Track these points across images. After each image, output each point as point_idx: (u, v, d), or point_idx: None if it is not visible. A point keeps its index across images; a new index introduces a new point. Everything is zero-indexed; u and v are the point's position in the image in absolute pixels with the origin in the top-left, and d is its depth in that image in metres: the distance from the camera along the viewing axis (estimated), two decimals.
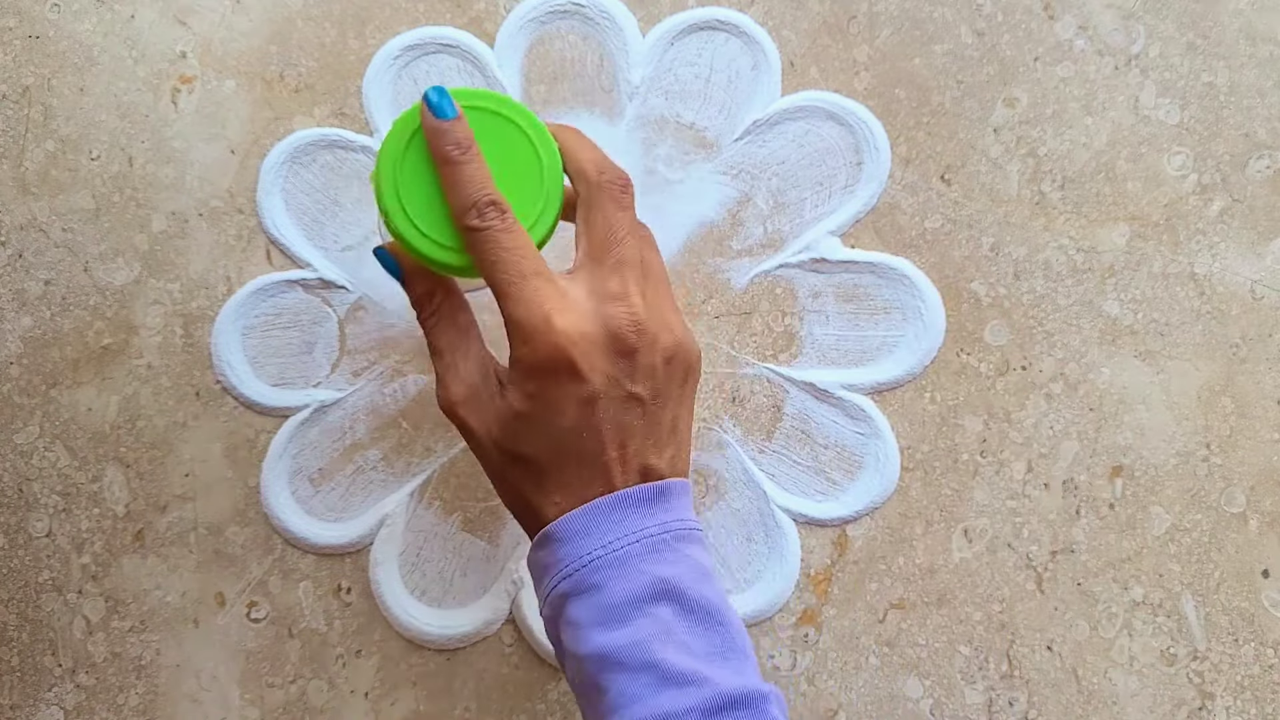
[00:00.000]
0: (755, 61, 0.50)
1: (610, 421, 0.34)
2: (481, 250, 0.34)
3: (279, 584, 0.46)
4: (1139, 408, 0.47)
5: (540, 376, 0.34)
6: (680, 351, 0.36)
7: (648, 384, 0.35)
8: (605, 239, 0.36)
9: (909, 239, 0.48)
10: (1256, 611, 0.45)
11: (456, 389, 0.36)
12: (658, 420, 0.35)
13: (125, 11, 0.50)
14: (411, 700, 0.45)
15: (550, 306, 0.34)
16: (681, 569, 0.34)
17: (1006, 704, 0.45)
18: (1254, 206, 0.49)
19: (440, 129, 0.35)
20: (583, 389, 0.34)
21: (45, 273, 0.48)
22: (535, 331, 0.33)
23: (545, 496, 0.35)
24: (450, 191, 0.35)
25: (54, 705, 0.45)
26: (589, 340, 0.34)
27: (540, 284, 0.34)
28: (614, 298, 0.35)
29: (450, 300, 0.37)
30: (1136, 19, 0.50)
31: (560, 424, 0.34)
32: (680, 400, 0.37)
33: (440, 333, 0.37)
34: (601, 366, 0.34)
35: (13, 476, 0.46)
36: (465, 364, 0.36)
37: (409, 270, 0.37)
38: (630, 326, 0.34)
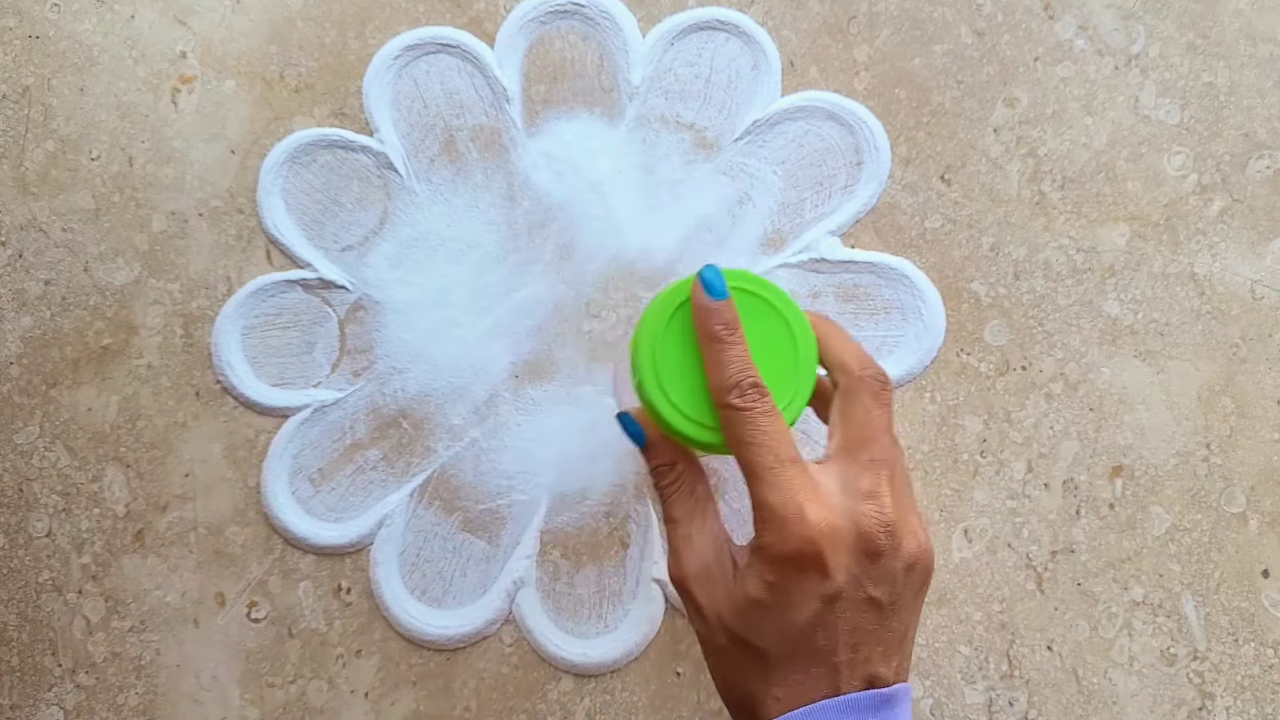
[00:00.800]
0: (755, 61, 0.50)
1: (847, 623, 0.33)
2: (740, 431, 0.34)
3: (279, 584, 0.46)
4: (1139, 408, 0.47)
5: (786, 567, 0.33)
6: (922, 559, 0.35)
7: (887, 589, 0.34)
8: (862, 435, 0.35)
9: (909, 239, 0.48)
10: (1256, 611, 0.45)
11: (690, 563, 0.35)
12: (890, 627, 0.34)
13: (125, 11, 0.50)
14: (411, 700, 0.45)
15: (804, 497, 0.33)
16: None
17: (1006, 704, 0.45)
18: (1254, 206, 0.49)
19: (712, 308, 0.35)
20: (827, 586, 0.33)
21: (45, 273, 0.48)
22: (787, 520, 0.33)
23: (767, 689, 0.34)
24: (713, 370, 0.35)
25: (54, 705, 0.45)
26: (839, 536, 0.33)
27: (796, 473, 0.33)
28: (866, 496, 0.34)
29: (691, 471, 0.37)
30: (1136, 19, 0.50)
31: (797, 618, 0.33)
32: (914, 609, 0.35)
33: (679, 502, 0.36)
34: (847, 565, 0.33)
35: (13, 476, 0.46)
36: (701, 538, 0.36)
37: (652, 439, 0.37)
38: (881, 528, 0.33)
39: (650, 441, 0.37)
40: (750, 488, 0.34)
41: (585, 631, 0.45)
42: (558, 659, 0.45)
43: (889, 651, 0.34)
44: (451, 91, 0.50)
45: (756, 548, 0.34)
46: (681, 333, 0.35)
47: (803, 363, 0.36)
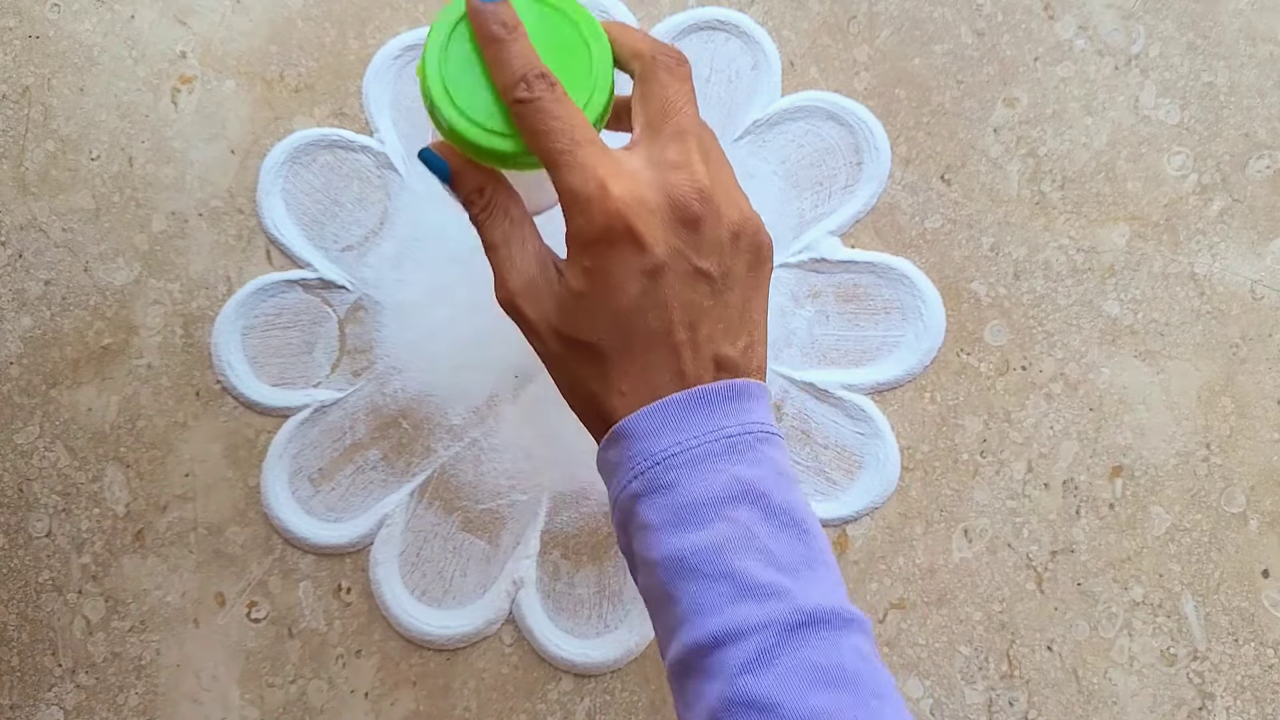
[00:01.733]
0: (755, 61, 0.50)
1: (677, 299, 0.32)
2: (531, 122, 0.32)
3: (279, 584, 0.46)
4: (1139, 408, 0.47)
5: (599, 248, 0.32)
6: (748, 228, 0.34)
7: (715, 259, 0.32)
8: (662, 108, 0.34)
9: (909, 239, 0.48)
10: (1256, 611, 0.45)
11: (514, 280, 0.34)
12: (727, 302, 0.33)
13: (125, 11, 0.50)
14: (411, 700, 0.45)
15: (605, 172, 0.31)
16: (764, 471, 0.32)
17: (1006, 704, 0.45)
18: (1254, 206, 0.49)
19: (486, 9, 0.33)
20: (645, 259, 0.32)
21: (45, 273, 0.48)
22: (591, 199, 0.31)
23: (609, 386, 0.33)
24: (497, 70, 0.33)
25: (54, 705, 0.45)
26: (649, 208, 0.32)
27: (594, 151, 0.32)
28: (675, 166, 0.32)
29: (502, 193, 0.35)
30: (1136, 19, 0.50)
31: (622, 301, 0.32)
32: (751, 284, 0.34)
33: (494, 226, 0.34)
34: (664, 236, 0.32)
35: (13, 476, 0.46)
36: (522, 255, 0.34)
37: (457, 167, 0.35)
38: (694, 194, 0.32)
39: (455, 170, 0.35)
40: (553, 177, 0.32)
41: (585, 631, 0.45)
42: (558, 659, 0.45)
43: (731, 329, 0.33)
44: None
45: (569, 238, 0.32)
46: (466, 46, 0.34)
47: (598, 62, 0.34)
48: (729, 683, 0.29)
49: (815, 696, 0.29)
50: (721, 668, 0.30)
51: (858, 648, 0.30)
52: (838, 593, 0.32)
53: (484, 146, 0.34)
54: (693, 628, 0.30)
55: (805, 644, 0.30)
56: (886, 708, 0.30)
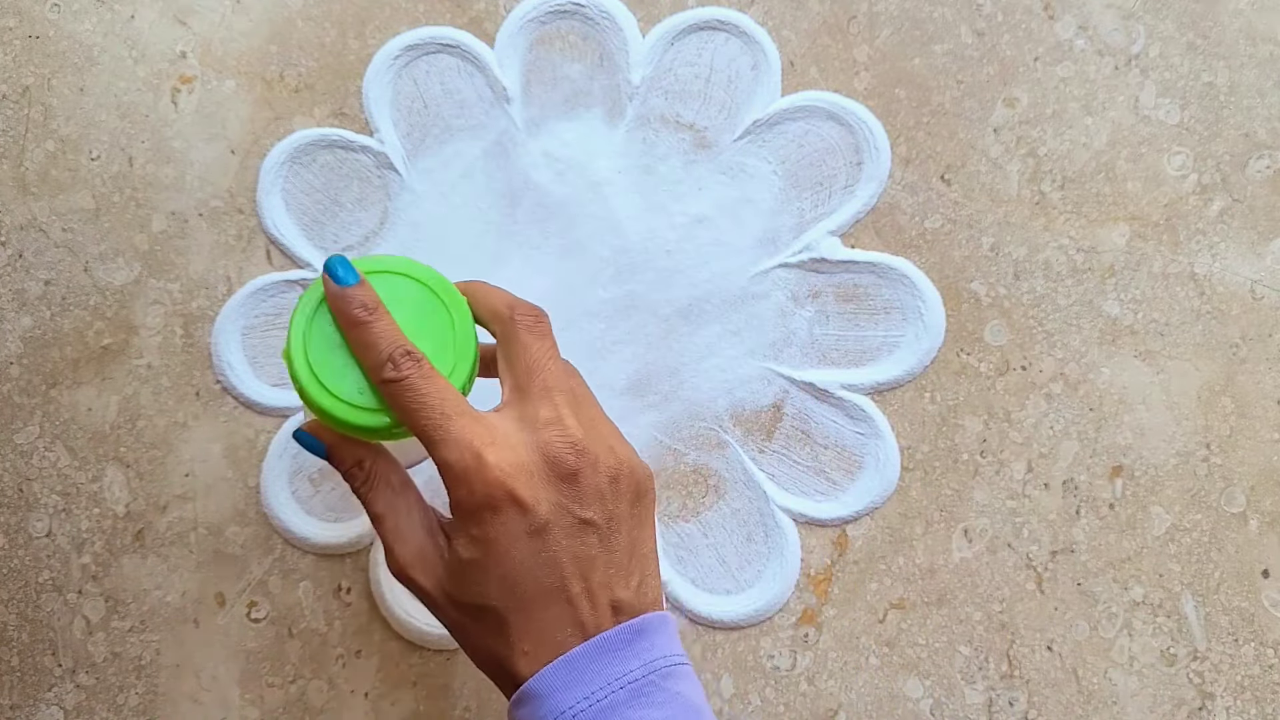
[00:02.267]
0: (755, 61, 0.50)
1: (566, 553, 0.33)
2: (402, 400, 0.33)
3: (279, 584, 0.46)
4: (1139, 408, 0.47)
5: (483, 515, 0.32)
6: (625, 469, 0.34)
7: (598, 507, 0.33)
8: (527, 368, 0.35)
9: (909, 239, 0.48)
10: (1256, 611, 0.45)
11: (403, 552, 0.34)
12: (614, 546, 0.34)
13: (125, 11, 0.50)
14: (411, 700, 0.45)
15: (480, 443, 0.32)
16: (671, 710, 0.32)
17: (1006, 704, 0.45)
18: (1254, 206, 0.49)
19: (344, 294, 0.34)
20: (529, 520, 0.32)
21: (45, 273, 0.48)
22: (468, 471, 0.32)
23: (512, 648, 0.33)
24: (362, 352, 0.34)
25: (54, 705, 0.45)
26: (526, 471, 0.32)
27: (467, 423, 0.33)
28: (546, 424, 0.33)
29: (380, 463, 0.36)
30: (1136, 19, 0.50)
31: (513, 564, 0.32)
32: (636, 522, 0.35)
33: (377, 497, 0.35)
34: (545, 495, 0.33)
35: (13, 476, 0.46)
36: (409, 525, 0.35)
37: (332, 444, 0.36)
38: (568, 449, 0.33)
39: (331, 447, 0.36)
40: (430, 454, 0.33)
41: None
42: None
43: (624, 572, 0.34)
44: (451, 91, 0.50)
45: (452, 508, 0.33)
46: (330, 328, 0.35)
47: (459, 329, 0.35)
48: None
49: None
50: None
51: None
52: None
53: (356, 424, 0.34)
54: None
55: None
56: None
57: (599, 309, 0.48)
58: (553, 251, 0.48)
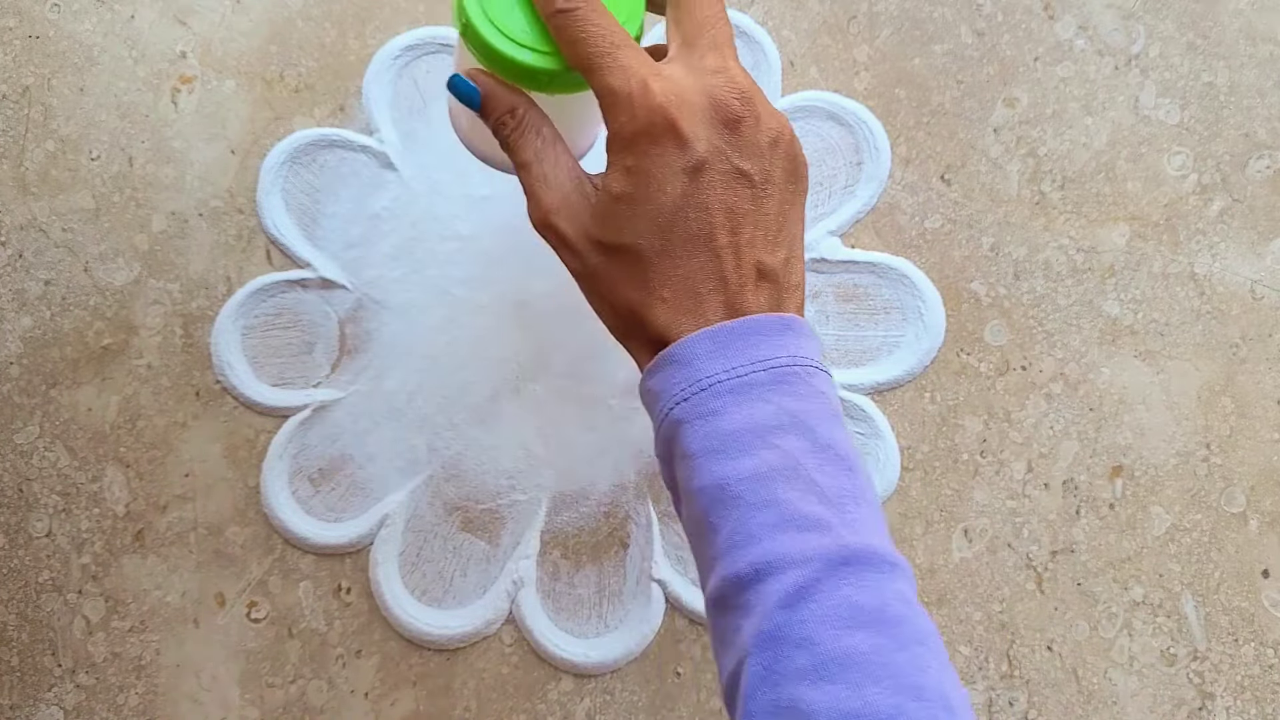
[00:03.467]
0: (755, 61, 0.50)
1: (717, 200, 0.32)
2: (571, 31, 0.32)
3: (279, 584, 0.46)
4: (1139, 408, 0.47)
5: (640, 146, 0.31)
6: (785, 137, 0.33)
7: (755, 162, 0.32)
8: (697, 24, 0.33)
9: (909, 239, 0.48)
10: (1256, 611, 0.45)
11: (548, 197, 0.33)
12: (766, 209, 0.32)
13: (125, 11, 0.50)
14: (411, 700, 0.45)
15: (647, 72, 0.31)
16: (812, 405, 0.31)
17: (1006, 704, 0.45)
18: (1254, 206, 0.49)
19: None
20: (687, 156, 0.31)
21: (45, 273, 0.48)
22: (632, 96, 0.31)
23: (650, 292, 0.32)
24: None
25: (54, 705, 0.45)
26: (691, 105, 0.31)
27: (634, 53, 0.32)
28: (714, 71, 0.32)
29: (534, 112, 0.34)
30: (1136, 19, 0.50)
31: (663, 201, 0.31)
32: (789, 195, 0.33)
33: (526, 145, 0.34)
34: (706, 134, 0.31)
35: (13, 476, 0.46)
36: (555, 172, 0.34)
37: (489, 90, 0.34)
38: (734, 95, 0.32)
39: (486, 93, 0.34)
40: (592, 83, 0.32)
41: (585, 631, 0.45)
42: (558, 659, 0.45)
43: (771, 239, 0.33)
44: None
45: (610, 138, 0.32)
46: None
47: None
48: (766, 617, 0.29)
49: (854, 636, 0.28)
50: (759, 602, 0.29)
51: (901, 592, 0.29)
52: (883, 536, 0.31)
53: (523, 64, 0.33)
54: (732, 560, 0.29)
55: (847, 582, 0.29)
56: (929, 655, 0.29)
57: None
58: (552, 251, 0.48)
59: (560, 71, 0.34)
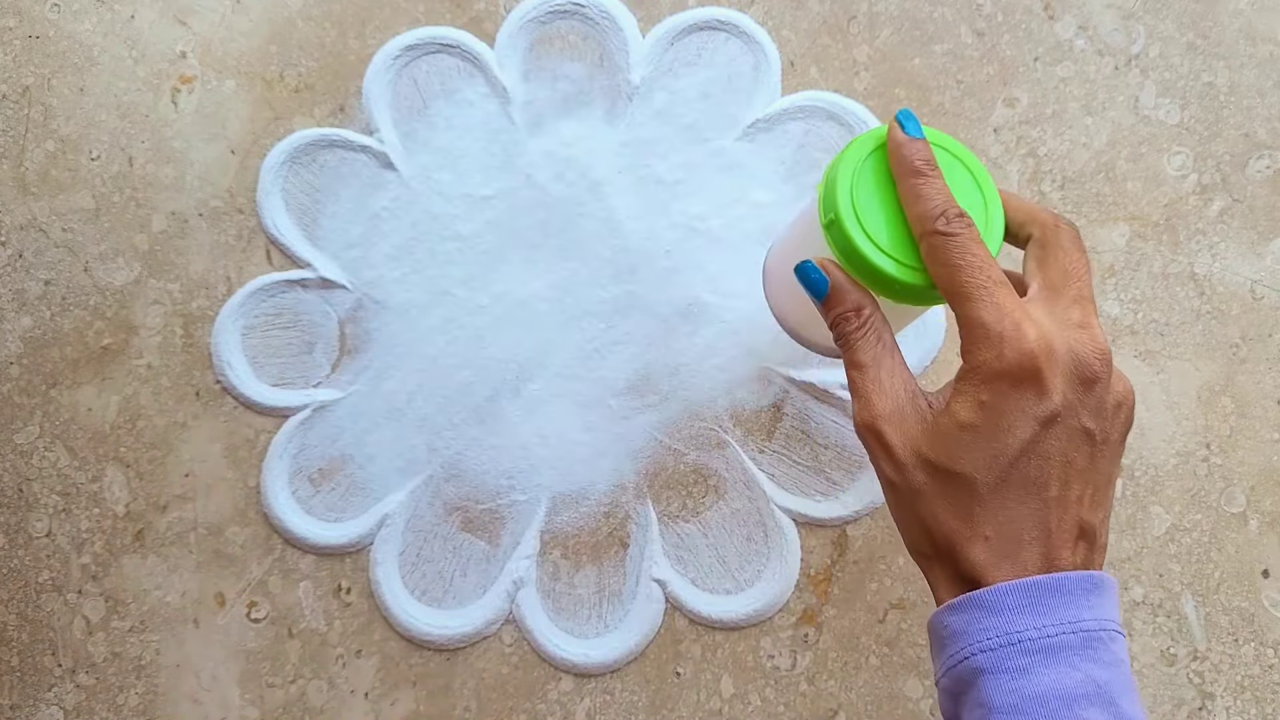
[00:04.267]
0: (755, 61, 0.50)
1: (1059, 453, 0.32)
2: (948, 255, 0.33)
3: (279, 584, 0.46)
4: (1139, 408, 0.47)
5: (1002, 385, 0.32)
6: (1129, 403, 0.34)
7: (1099, 422, 0.33)
8: (1064, 272, 0.34)
9: None
10: (1256, 611, 0.45)
11: (881, 403, 0.34)
12: (1099, 468, 0.33)
13: (125, 11, 0.50)
14: (411, 700, 0.45)
15: (1020, 314, 0.32)
16: (1115, 674, 0.31)
17: None
18: (1254, 206, 0.49)
19: (911, 144, 0.34)
20: (1044, 406, 0.32)
21: (45, 273, 0.48)
22: (1004, 336, 0.31)
23: (974, 528, 0.32)
24: (915, 202, 0.34)
25: (54, 705, 0.45)
26: (1056, 357, 0.32)
27: (1008, 293, 0.32)
28: (1079, 325, 0.33)
29: (878, 316, 0.35)
30: (1136, 19, 0.50)
31: (1010, 441, 0.32)
32: (1117, 457, 0.34)
33: (866, 347, 0.35)
34: (1063, 388, 0.32)
35: (13, 476, 0.46)
36: (890, 381, 0.34)
37: (839, 284, 0.35)
38: (1096, 355, 0.33)
39: (835, 287, 0.35)
40: (960, 310, 0.32)
41: (585, 631, 0.45)
42: (558, 659, 0.45)
43: (1097, 496, 0.33)
44: (451, 91, 0.50)
45: (968, 369, 0.32)
46: (875, 176, 0.35)
47: (991, 212, 0.35)
48: None
49: None
50: None
51: None
52: None
53: (882, 270, 0.34)
54: None
55: None
56: None
57: (599, 309, 0.48)
58: (553, 251, 0.48)
59: (922, 288, 0.34)
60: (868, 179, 0.35)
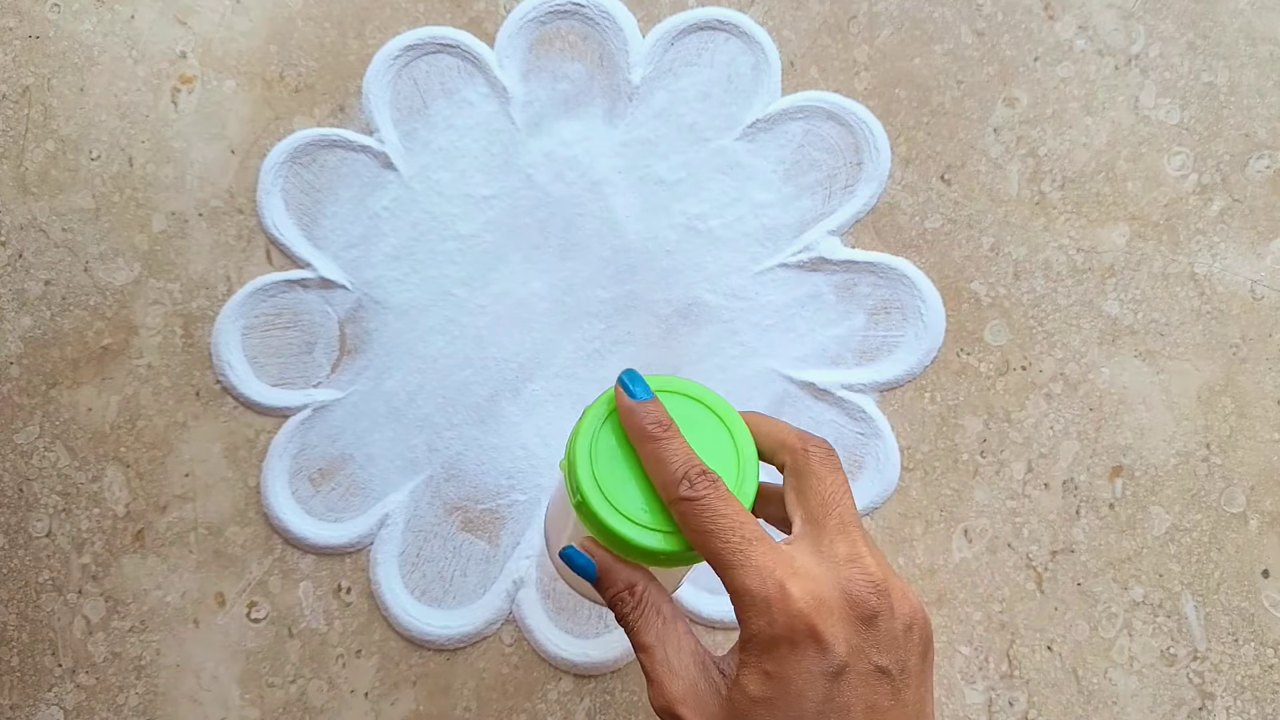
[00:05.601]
0: (755, 61, 0.50)
1: (859, 701, 0.31)
2: (697, 520, 0.32)
3: (279, 584, 0.46)
4: (1139, 408, 0.47)
5: (779, 651, 0.31)
6: (919, 619, 0.33)
7: (893, 656, 0.32)
8: (823, 502, 0.33)
9: (909, 239, 0.48)
10: (1256, 611, 0.45)
11: (674, 687, 0.32)
12: (905, 700, 0.32)
13: (125, 11, 0.50)
14: (411, 700, 0.45)
15: (783, 573, 0.31)
16: None
17: (1006, 704, 0.45)
18: (1254, 206, 0.49)
19: (640, 408, 0.33)
20: (828, 661, 0.30)
21: (45, 273, 0.48)
22: (770, 601, 0.30)
23: None
24: (656, 468, 0.33)
25: (54, 705, 0.45)
26: (828, 607, 0.31)
27: (765, 549, 0.31)
28: (847, 561, 0.32)
29: (654, 590, 0.34)
30: (1136, 19, 0.50)
31: (806, 707, 0.30)
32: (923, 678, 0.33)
33: (647, 626, 0.33)
34: (845, 635, 0.31)
35: (13, 476, 0.46)
36: (679, 657, 0.33)
37: (605, 565, 0.34)
38: (870, 589, 0.31)
39: (603, 568, 0.34)
40: (724, 579, 0.31)
41: (585, 631, 0.45)
42: (558, 659, 0.45)
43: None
44: (451, 91, 0.50)
45: (745, 640, 0.31)
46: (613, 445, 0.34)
47: (743, 453, 0.34)
48: None
49: None
50: None
51: None
52: None
53: (641, 545, 0.33)
54: None
55: None
56: None
57: (599, 309, 0.48)
58: (553, 251, 0.48)
59: (683, 551, 0.33)
60: (609, 447, 0.33)
